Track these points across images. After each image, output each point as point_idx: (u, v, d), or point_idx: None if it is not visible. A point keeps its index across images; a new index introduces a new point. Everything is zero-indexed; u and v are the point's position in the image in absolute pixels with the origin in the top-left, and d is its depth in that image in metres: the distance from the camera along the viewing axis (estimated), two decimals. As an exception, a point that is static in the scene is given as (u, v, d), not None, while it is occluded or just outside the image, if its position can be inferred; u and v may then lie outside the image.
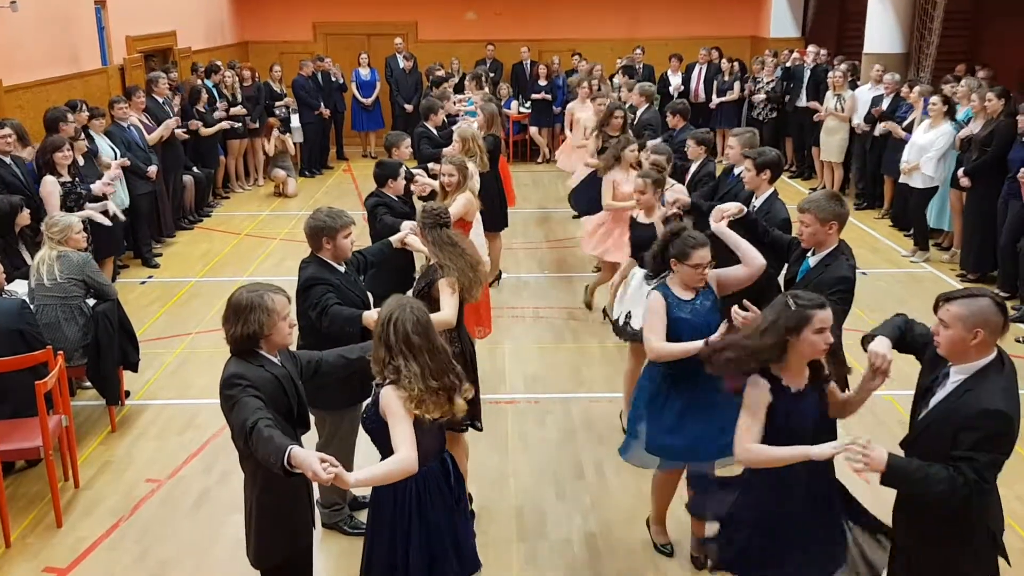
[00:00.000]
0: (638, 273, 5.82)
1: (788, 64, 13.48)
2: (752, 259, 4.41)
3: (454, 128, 8.17)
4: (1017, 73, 12.38)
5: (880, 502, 3.59)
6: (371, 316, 4.30)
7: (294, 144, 13.57)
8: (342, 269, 4.60)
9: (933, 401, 3.24)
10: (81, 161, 7.98)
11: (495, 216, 8.34)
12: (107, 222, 7.73)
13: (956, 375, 3.17)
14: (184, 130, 10.87)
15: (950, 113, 9.19)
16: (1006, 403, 3.02)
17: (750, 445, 3.34)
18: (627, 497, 5.26)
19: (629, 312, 5.82)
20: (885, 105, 10.71)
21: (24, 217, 6.47)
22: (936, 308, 3.21)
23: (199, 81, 11.98)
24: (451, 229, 4.73)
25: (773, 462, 3.35)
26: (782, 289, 4.86)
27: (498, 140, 8.57)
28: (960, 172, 8.71)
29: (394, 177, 6.07)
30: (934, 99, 9.23)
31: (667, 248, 4.30)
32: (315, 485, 4.16)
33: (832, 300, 4.14)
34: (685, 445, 4.29)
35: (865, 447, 3.07)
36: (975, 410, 3.02)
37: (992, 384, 3.07)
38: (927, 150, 9.12)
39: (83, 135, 8.40)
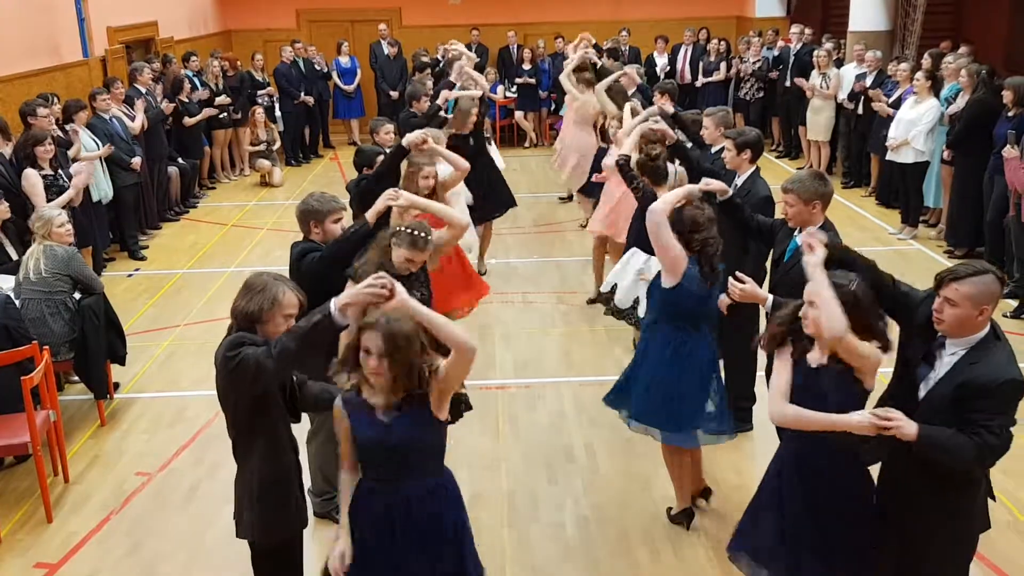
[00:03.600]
0: (639, 255, 5.83)
1: (777, 53, 13.42)
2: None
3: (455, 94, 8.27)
4: (1002, 49, 12.38)
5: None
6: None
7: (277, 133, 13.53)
8: None
9: (934, 376, 3.26)
10: (73, 152, 7.93)
11: (490, 203, 8.28)
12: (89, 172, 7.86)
13: (954, 348, 3.21)
14: (167, 101, 10.80)
15: (935, 87, 9.20)
16: (1017, 370, 3.11)
17: (785, 406, 3.30)
18: (619, 479, 5.27)
19: (615, 285, 5.95)
20: (869, 83, 10.70)
21: (2, 211, 6.42)
22: (939, 286, 3.21)
23: (181, 71, 11.90)
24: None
25: (803, 424, 3.28)
26: (768, 270, 4.88)
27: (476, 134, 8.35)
28: (944, 147, 8.75)
29: (370, 164, 6.04)
30: (918, 74, 9.24)
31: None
32: (306, 475, 4.16)
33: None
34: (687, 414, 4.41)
35: (894, 418, 3.08)
36: (990, 379, 3.07)
37: (997, 353, 3.14)
38: (915, 125, 9.12)
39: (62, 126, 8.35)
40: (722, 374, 4.68)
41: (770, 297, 4.09)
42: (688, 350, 4.38)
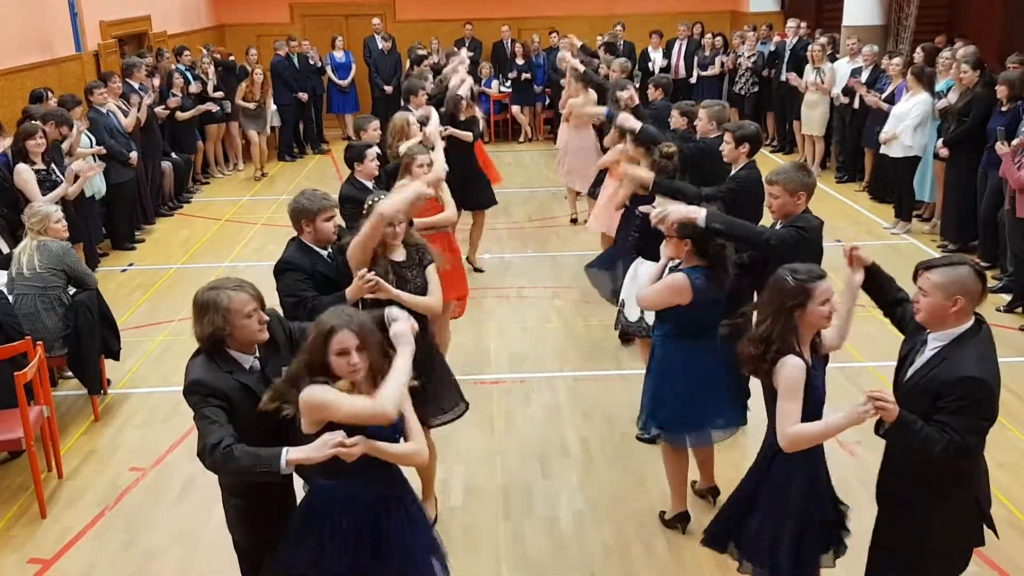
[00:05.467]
0: (643, 265, 5.62)
1: (773, 48, 13.41)
2: None
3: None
4: (997, 43, 12.39)
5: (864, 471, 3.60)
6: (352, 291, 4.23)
7: (272, 128, 13.49)
8: (324, 253, 4.54)
9: (912, 369, 3.27)
10: (66, 146, 7.87)
11: (473, 195, 8.30)
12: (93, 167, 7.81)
13: (934, 342, 3.20)
14: (163, 108, 10.76)
15: (928, 82, 9.21)
16: (980, 369, 3.07)
17: (795, 428, 3.29)
18: (613, 473, 5.28)
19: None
20: (864, 77, 10.71)
21: None
22: (916, 276, 3.23)
23: (173, 66, 11.86)
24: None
25: (821, 438, 3.35)
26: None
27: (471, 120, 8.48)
28: (939, 143, 8.74)
29: (360, 160, 6.02)
30: (910, 69, 9.25)
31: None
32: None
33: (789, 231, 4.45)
34: (696, 419, 4.44)
35: (884, 396, 3.07)
36: (952, 377, 3.06)
37: (969, 351, 3.12)
38: (905, 119, 9.13)
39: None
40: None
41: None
42: (706, 355, 4.36)
